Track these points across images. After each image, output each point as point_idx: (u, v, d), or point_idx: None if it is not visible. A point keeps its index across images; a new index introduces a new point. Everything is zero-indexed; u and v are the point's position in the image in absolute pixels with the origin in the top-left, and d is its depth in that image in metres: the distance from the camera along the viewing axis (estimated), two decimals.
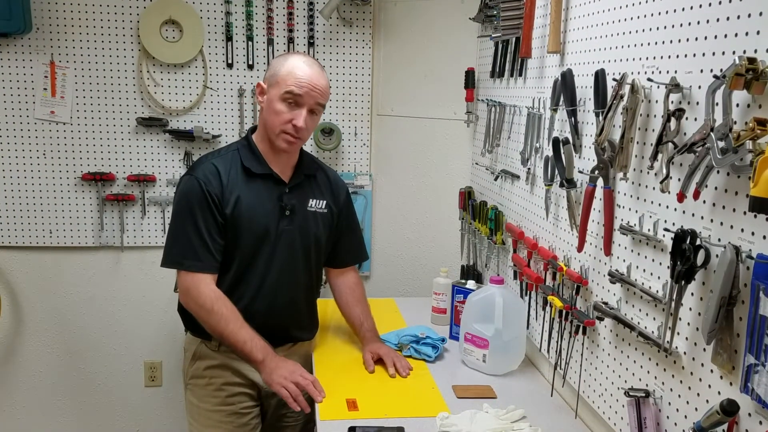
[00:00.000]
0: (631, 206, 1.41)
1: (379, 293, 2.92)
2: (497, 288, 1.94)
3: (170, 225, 1.87)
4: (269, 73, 1.85)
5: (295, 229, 1.91)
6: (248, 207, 1.84)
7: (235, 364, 1.89)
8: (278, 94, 1.79)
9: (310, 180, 1.97)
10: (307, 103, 1.80)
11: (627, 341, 1.44)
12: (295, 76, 1.79)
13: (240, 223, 1.83)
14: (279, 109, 1.80)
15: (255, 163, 1.87)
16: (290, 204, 1.89)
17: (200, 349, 1.93)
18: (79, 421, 2.99)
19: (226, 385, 1.91)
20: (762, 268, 0.98)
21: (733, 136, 1.01)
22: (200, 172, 1.82)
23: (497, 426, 1.58)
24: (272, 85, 1.82)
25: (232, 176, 1.84)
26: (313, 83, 1.80)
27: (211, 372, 1.91)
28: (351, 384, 1.82)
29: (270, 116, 1.82)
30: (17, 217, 2.78)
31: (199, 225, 1.79)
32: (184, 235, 1.81)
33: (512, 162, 2.18)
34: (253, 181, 1.86)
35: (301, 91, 1.78)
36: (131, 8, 2.70)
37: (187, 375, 1.97)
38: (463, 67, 2.63)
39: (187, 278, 1.82)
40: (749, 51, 1.02)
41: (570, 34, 1.74)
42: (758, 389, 0.98)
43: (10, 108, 2.71)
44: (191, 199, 1.80)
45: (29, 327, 2.89)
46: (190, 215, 1.80)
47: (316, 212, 1.96)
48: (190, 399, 1.96)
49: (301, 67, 1.80)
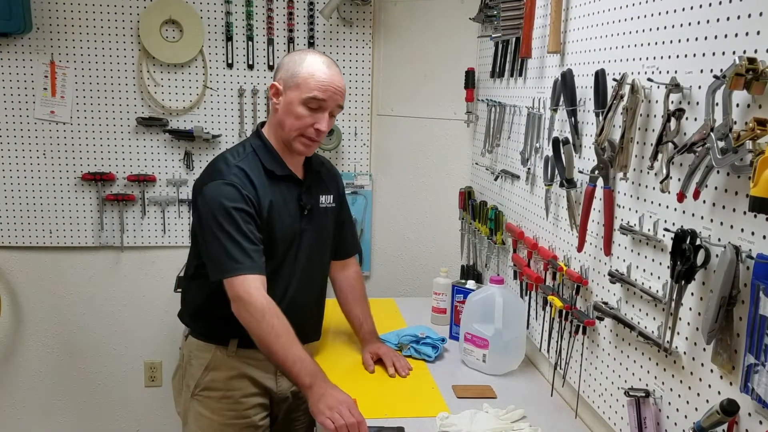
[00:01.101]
0: (631, 206, 1.41)
1: (379, 293, 2.91)
2: (497, 288, 1.94)
3: (211, 233, 1.69)
4: (286, 74, 1.76)
5: (313, 228, 1.88)
6: (278, 211, 1.78)
7: (250, 371, 1.83)
8: (299, 97, 1.72)
9: (318, 176, 1.94)
10: (330, 106, 1.76)
11: (627, 341, 1.45)
12: (317, 80, 1.72)
13: (273, 228, 1.77)
14: (300, 112, 1.73)
15: (276, 164, 1.80)
16: (309, 203, 1.86)
17: (215, 357, 1.82)
18: (79, 421, 2.99)
19: (245, 397, 1.83)
20: (762, 268, 0.98)
21: (733, 136, 1.01)
22: (234, 177, 1.71)
23: (497, 426, 1.58)
24: (291, 87, 1.74)
25: (259, 180, 1.76)
26: (336, 85, 1.75)
27: (228, 384, 1.82)
28: (351, 384, 1.82)
29: (289, 119, 1.75)
30: (17, 217, 2.77)
31: (243, 228, 1.68)
32: (229, 239, 1.67)
33: (512, 162, 2.18)
34: (276, 183, 1.79)
35: (325, 96, 1.73)
36: (131, 8, 2.70)
37: (197, 386, 1.84)
38: (463, 67, 2.63)
39: (237, 284, 1.66)
40: (749, 51, 1.02)
41: (570, 34, 1.74)
42: (758, 389, 0.98)
43: (10, 108, 2.71)
44: (231, 204, 1.68)
45: (29, 327, 2.89)
46: (232, 220, 1.67)
47: (327, 208, 1.93)
48: (200, 410, 1.83)
49: (322, 70, 1.74)
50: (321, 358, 1.99)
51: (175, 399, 1.96)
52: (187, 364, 1.88)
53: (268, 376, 1.86)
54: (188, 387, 1.87)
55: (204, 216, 1.71)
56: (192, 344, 1.87)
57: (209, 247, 1.72)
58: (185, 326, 1.93)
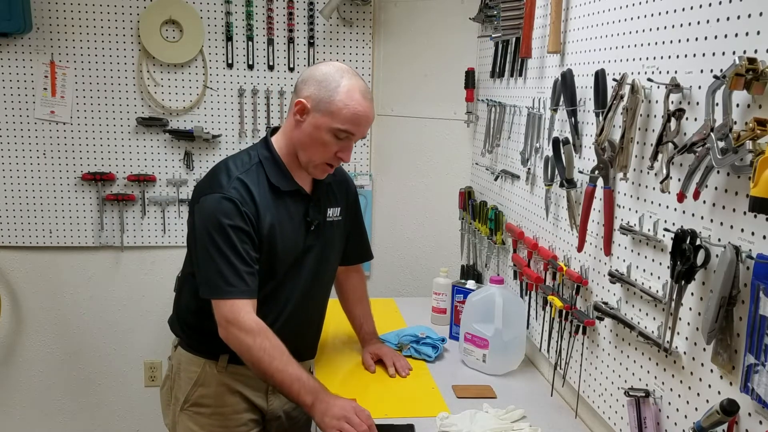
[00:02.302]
0: (631, 206, 1.41)
1: (379, 293, 2.91)
2: (497, 288, 1.94)
3: (205, 249, 1.62)
4: (318, 94, 1.63)
5: (319, 244, 1.79)
6: (280, 230, 1.68)
7: (241, 388, 1.77)
8: (330, 126, 1.62)
9: (327, 187, 1.83)
10: (358, 138, 1.68)
11: (627, 341, 1.45)
12: (353, 112, 1.62)
13: (275, 247, 1.68)
14: (327, 140, 1.63)
15: (282, 180, 1.70)
16: (316, 219, 1.76)
17: (204, 372, 1.76)
18: (79, 421, 2.99)
19: (236, 413, 1.77)
20: (762, 268, 0.98)
21: (733, 137, 1.01)
22: (233, 191, 1.62)
23: (497, 426, 1.58)
24: (322, 112, 1.62)
25: (262, 195, 1.65)
26: (370, 119, 1.67)
27: (218, 400, 1.76)
28: (351, 385, 1.82)
29: (314, 145, 1.65)
30: (17, 217, 2.78)
31: (238, 248, 1.60)
32: (223, 258, 1.59)
33: (512, 162, 2.18)
34: (280, 198, 1.69)
35: (357, 130, 1.65)
36: (131, 8, 2.70)
37: (187, 400, 1.77)
38: (463, 67, 2.63)
39: (226, 307, 1.60)
40: (749, 51, 1.02)
41: (570, 34, 1.74)
42: (758, 389, 0.98)
43: (10, 108, 2.71)
44: (228, 221, 1.60)
45: (29, 327, 2.89)
46: (227, 238, 1.59)
47: (333, 222, 1.84)
48: (190, 425, 1.77)
49: (359, 101, 1.63)
50: (321, 359, 1.99)
51: (163, 410, 1.88)
52: (176, 375, 1.81)
53: (259, 394, 1.80)
54: (177, 400, 1.80)
55: (199, 229, 1.64)
56: (181, 355, 1.81)
57: (201, 263, 1.64)
58: (175, 336, 1.86)
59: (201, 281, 1.65)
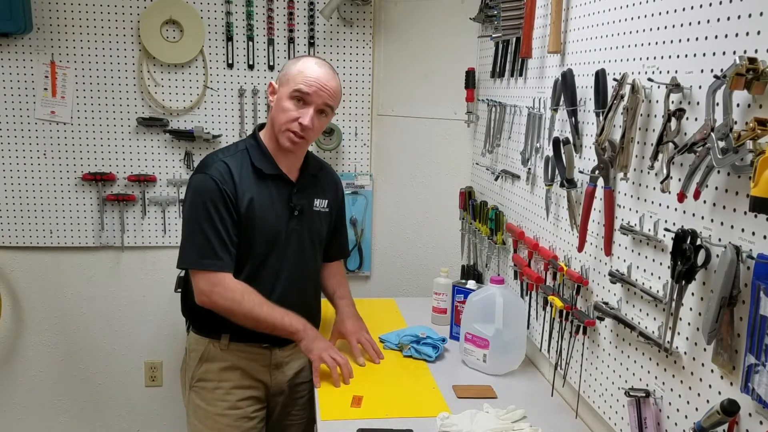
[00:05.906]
0: (632, 206, 1.41)
1: (379, 293, 2.92)
2: (497, 288, 1.94)
3: (186, 225, 1.82)
4: (281, 73, 1.87)
5: (303, 229, 1.92)
6: (260, 208, 1.83)
7: (244, 364, 1.89)
8: (287, 92, 1.80)
9: (314, 179, 1.98)
10: (315, 102, 1.80)
11: (627, 341, 1.45)
12: (304, 75, 1.80)
13: (253, 224, 1.82)
14: (287, 106, 1.80)
15: (265, 163, 1.86)
16: (299, 204, 1.90)
17: (209, 350, 1.89)
18: (79, 421, 2.99)
19: (236, 388, 1.88)
20: (762, 268, 0.98)
21: (733, 136, 1.01)
22: (214, 170, 1.79)
23: (497, 426, 1.58)
24: (282, 83, 1.84)
25: (244, 176, 1.82)
26: (322, 83, 1.81)
27: (220, 375, 1.88)
28: (351, 384, 1.82)
29: (278, 114, 1.83)
30: (17, 217, 2.78)
31: (216, 223, 1.76)
32: (202, 234, 1.76)
33: (512, 162, 2.18)
34: (263, 181, 1.85)
35: (310, 90, 1.79)
36: (131, 8, 2.70)
37: (193, 377, 1.91)
38: (463, 67, 2.63)
39: (209, 278, 1.77)
40: (749, 51, 1.02)
41: (570, 34, 1.74)
42: (759, 389, 0.98)
43: (11, 108, 2.71)
44: (208, 197, 1.77)
45: (29, 327, 2.89)
46: (206, 214, 1.76)
47: (320, 212, 1.99)
48: (196, 401, 1.91)
49: (311, 67, 1.82)
50: None
51: (183, 393, 2.01)
52: (188, 358, 1.95)
53: (263, 369, 1.90)
54: (188, 380, 1.94)
55: (185, 206, 1.84)
56: (191, 338, 1.95)
57: (183, 235, 1.82)
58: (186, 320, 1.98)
59: (182, 253, 1.81)
